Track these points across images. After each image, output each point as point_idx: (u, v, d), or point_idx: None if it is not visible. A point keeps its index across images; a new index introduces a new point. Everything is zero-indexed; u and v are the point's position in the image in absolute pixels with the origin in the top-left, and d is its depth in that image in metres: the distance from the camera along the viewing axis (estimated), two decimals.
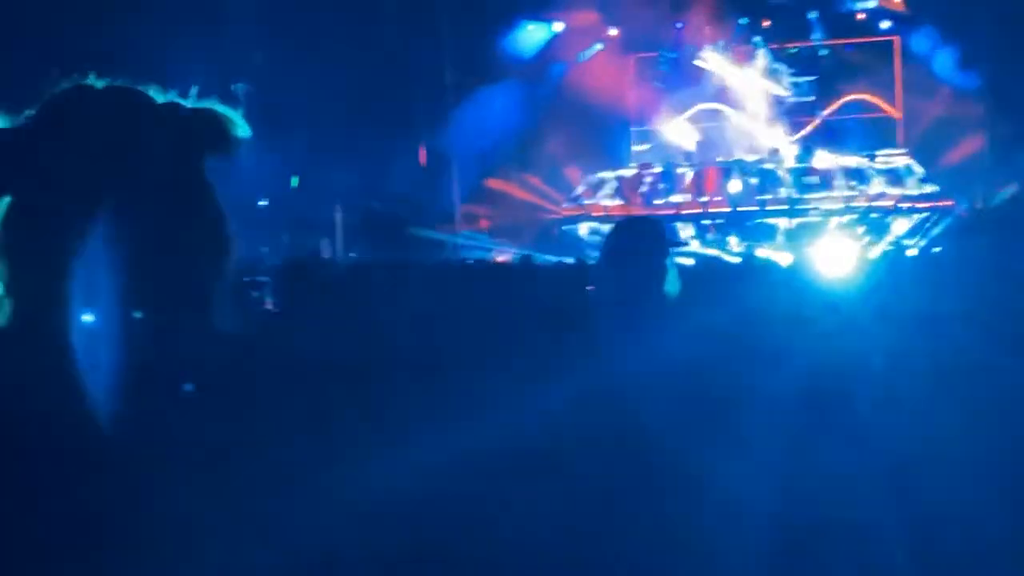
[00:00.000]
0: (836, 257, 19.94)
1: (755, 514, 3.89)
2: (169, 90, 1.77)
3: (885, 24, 30.96)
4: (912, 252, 21.79)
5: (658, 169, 30.89)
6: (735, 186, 29.81)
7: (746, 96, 32.06)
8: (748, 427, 4.06)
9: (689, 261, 18.86)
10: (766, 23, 31.72)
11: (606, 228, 22.29)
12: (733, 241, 28.53)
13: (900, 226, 28.16)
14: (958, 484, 3.76)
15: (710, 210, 29.79)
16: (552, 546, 4.33)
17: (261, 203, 25.29)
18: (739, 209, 29.28)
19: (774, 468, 3.97)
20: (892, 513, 3.92)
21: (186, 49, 18.14)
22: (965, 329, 4.01)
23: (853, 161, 29.75)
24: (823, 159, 29.93)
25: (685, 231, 29.55)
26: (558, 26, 31.59)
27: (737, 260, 17.60)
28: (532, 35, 31.67)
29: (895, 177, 29.39)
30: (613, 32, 32.16)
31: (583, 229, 30.24)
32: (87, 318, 1.56)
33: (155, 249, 1.62)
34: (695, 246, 29.12)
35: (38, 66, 1.88)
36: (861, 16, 31.21)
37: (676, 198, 30.14)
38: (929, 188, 28.92)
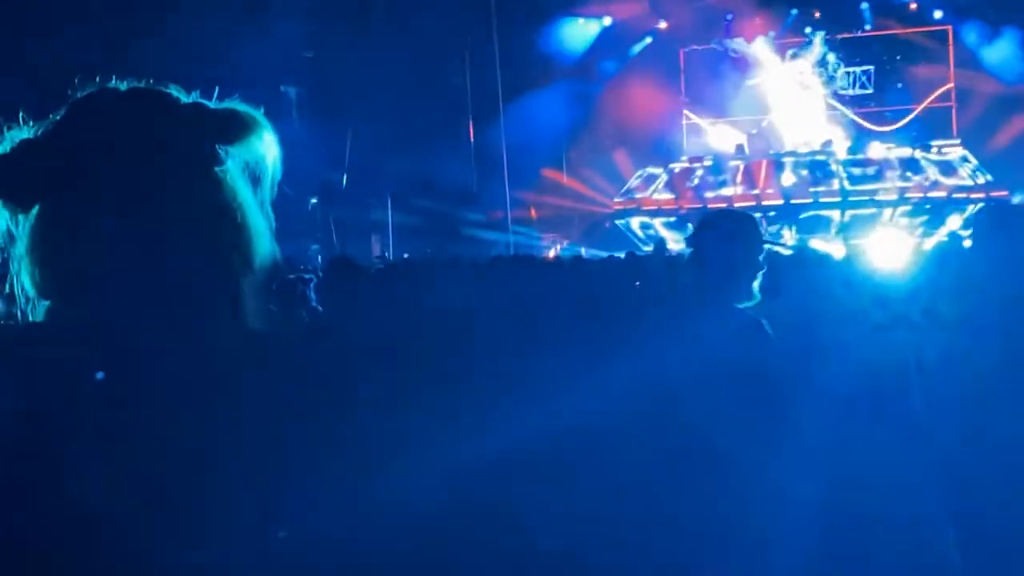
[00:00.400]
0: (889, 249, 19.79)
1: (805, 509, 3.87)
2: (192, 91, 1.78)
3: (938, 14, 30.66)
4: (967, 243, 21.54)
5: (709, 162, 30.75)
6: (788, 178, 29.60)
7: (798, 87, 31.89)
8: (800, 421, 4.03)
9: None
10: (817, 14, 31.52)
11: (657, 222, 22.21)
12: (787, 234, 28.34)
13: (955, 218, 27.90)
14: (1010, 482, 3.73)
15: (763, 203, 29.60)
16: (593, 537, 4.34)
17: (312, 200, 25.45)
18: (792, 202, 29.08)
19: (824, 463, 3.95)
20: (942, 508, 3.89)
21: (238, 48, 18.28)
22: (1016, 327, 3.96)
23: (907, 152, 29.48)
24: (876, 150, 29.67)
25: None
26: (607, 20, 31.56)
27: (789, 252, 17.49)
28: (583, 29, 31.68)
29: (949, 167, 29.12)
30: (663, 25, 32.10)
31: (634, 223, 30.21)
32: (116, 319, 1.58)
33: (173, 247, 1.64)
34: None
35: (72, 70, 1.90)
36: (913, 6, 30.93)
37: (728, 191, 29.98)
38: (983, 178, 28.64)
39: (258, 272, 1.75)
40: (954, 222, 27.54)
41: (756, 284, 4.44)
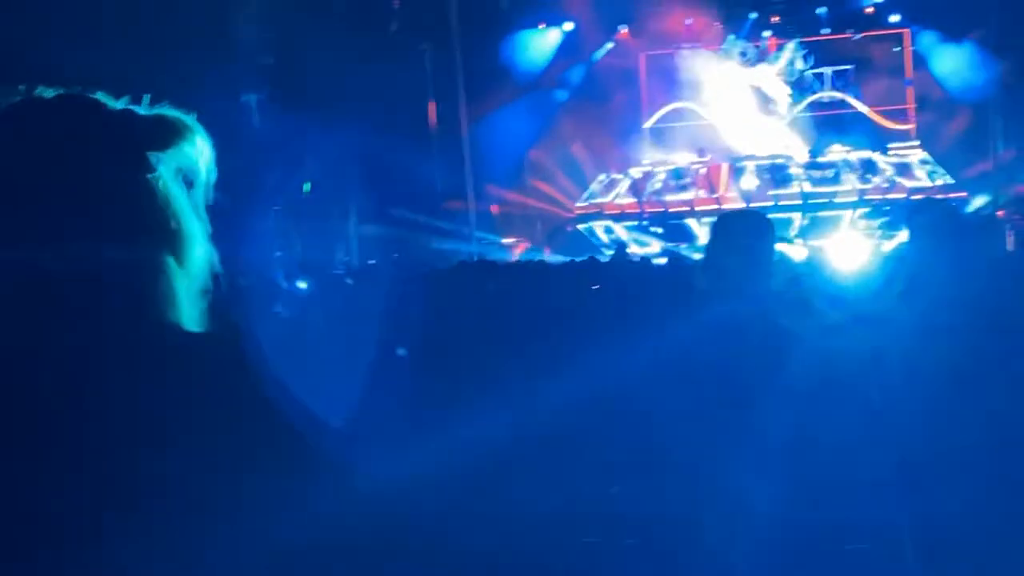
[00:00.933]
0: (849, 251, 19.94)
1: (764, 509, 3.90)
2: (122, 97, 1.77)
3: (895, 18, 30.88)
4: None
5: (670, 166, 30.85)
6: (748, 182, 29.73)
7: (757, 91, 32.05)
8: (755, 420, 4.06)
9: (698, 255, 18.86)
10: (775, 18, 31.69)
11: (619, 226, 22.21)
12: None
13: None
14: (968, 483, 3.77)
15: (723, 206, 29.71)
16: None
17: (275, 208, 25.38)
18: (752, 205, 29.19)
19: (783, 464, 3.98)
20: (901, 508, 3.94)
21: (197, 57, 18.21)
22: (977, 330, 4.01)
23: (865, 154, 29.66)
24: (836, 153, 29.84)
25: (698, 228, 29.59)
26: (568, 26, 31.61)
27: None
28: (545, 37, 31.71)
29: (907, 169, 29.31)
30: (623, 30, 32.21)
31: (597, 227, 30.26)
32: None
33: (106, 254, 1.63)
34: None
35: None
36: (870, 10, 31.14)
37: (688, 195, 30.08)
38: (941, 180, 28.84)
39: (194, 277, 1.75)
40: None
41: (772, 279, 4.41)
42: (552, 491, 4.97)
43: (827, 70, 31.89)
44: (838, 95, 31.92)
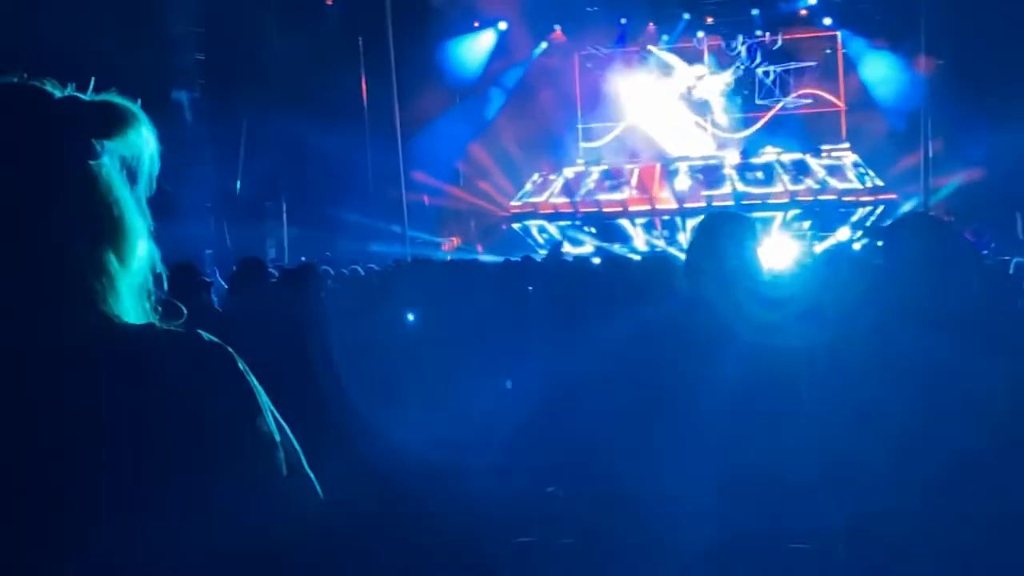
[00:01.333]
0: (780, 252, 20.10)
1: (698, 509, 3.91)
2: (68, 84, 1.70)
3: (827, 21, 31.17)
4: (857, 246, 21.94)
5: (604, 166, 30.97)
6: (681, 183, 29.91)
7: (691, 92, 32.25)
8: (685, 422, 4.06)
9: (636, 257, 18.94)
10: (709, 20, 31.88)
11: (551, 226, 22.18)
12: (682, 237, 28.63)
13: (846, 219, 28.40)
14: (897, 482, 3.79)
15: (656, 207, 29.88)
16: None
17: (207, 205, 25.19)
18: (685, 205, 29.37)
19: (716, 464, 3.98)
20: (834, 507, 3.95)
21: (125, 53, 18.03)
22: (907, 326, 4.03)
23: (797, 156, 29.92)
24: (768, 154, 30.08)
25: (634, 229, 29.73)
26: (503, 25, 31.62)
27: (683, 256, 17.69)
28: (479, 37, 31.72)
29: (839, 171, 29.60)
30: (557, 30, 32.28)
31: (531, 226, 30.32)
32: None
33: (46, 244, 1.57)
34: (641, 243, 29.24)
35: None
36: (804, 13, 31.40)
37: (622, 195, 30.21)
38: (872, 182, 29.17)
39: (134, 274, 1.69)
40: (845, 223, 28.08)
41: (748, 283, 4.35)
42: (489, 491, 4.96)
43: (760, 71, 32.11)
44: (771, 96, 32.14)
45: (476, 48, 31.88)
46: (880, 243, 4.54)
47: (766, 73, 32.03)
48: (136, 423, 1.56)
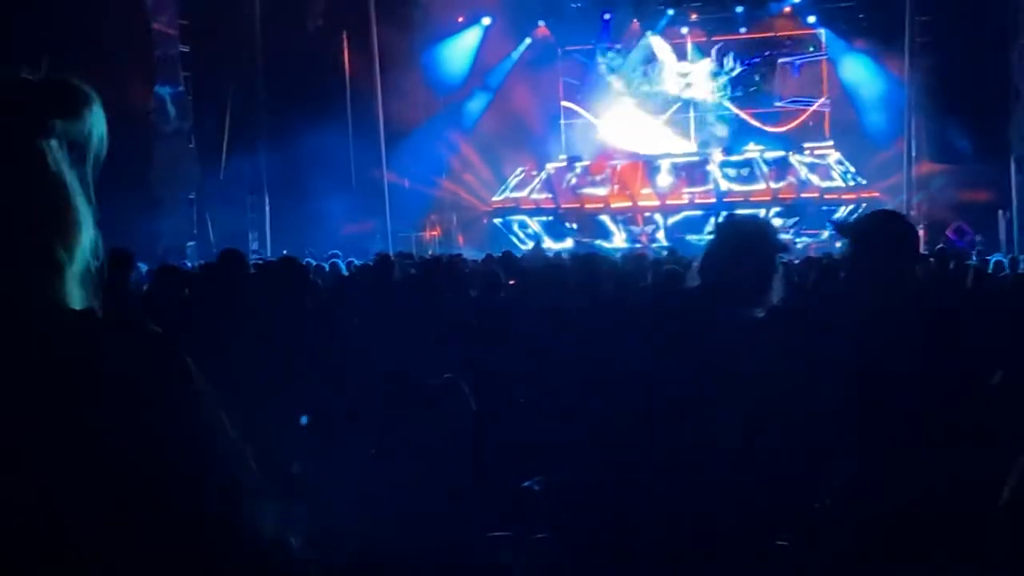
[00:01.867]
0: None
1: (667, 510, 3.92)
2: (19, 64, 1.63)
3: (811, 19, 31.20)
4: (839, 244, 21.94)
5: (585, 162, 30.98)
6: (664, 179, 29.94)
7: (675, 88, 32.28)
8: (661, 419, 4.07)
9: (617, 253, 18.96)
10: (693, 16, 31.88)
11: (533, 221, 22.13)
12: (660, 235, 28.66)
13: (828, 217, 28.43)
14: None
15: (638, 203, 29.91)
16: None
17: (190, 196, 25.16)
18: (668, 202, 29.41)
19: (686, 461, 3.98)
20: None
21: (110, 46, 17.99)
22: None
23: (780, 153, 29.96)
24: (751, 152, 30.12)
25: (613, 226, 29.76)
26: (487, 21, 31.57)
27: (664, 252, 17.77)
28: (464, 37, 31.69)
29: (821, 169, 29.66)
30: (541, 25, 32.25)
31: (512, 221, 30.28)
32: None
33: None
34: (621, 240, 29.25)
35: None
36: (788, 10, 31.41)
37: (603, 191, 30.24)
38: (853, 180, 29.23)
39: (78, 262, 1.62)
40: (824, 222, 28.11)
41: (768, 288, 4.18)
42: (469, 484, 4.98)
43: (743, 68, 32.12)
44: (754, 93, 32.17)
45: (461, 44, 31.81)
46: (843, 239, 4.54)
47: (749, 70, 32.05)
48: (75, 409, 1.50)
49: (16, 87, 1.61)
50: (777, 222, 28.19)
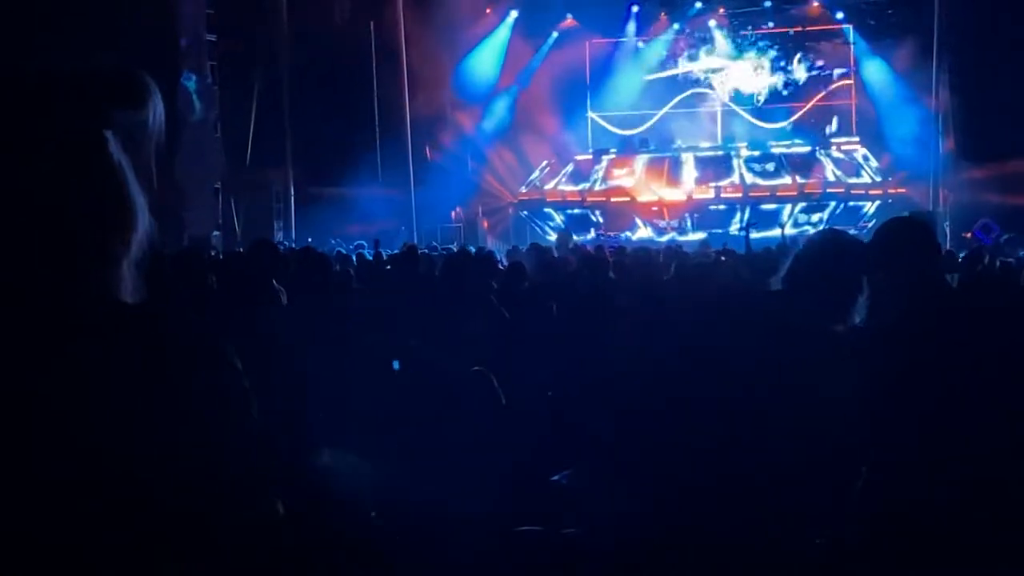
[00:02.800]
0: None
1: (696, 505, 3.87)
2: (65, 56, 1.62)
3: (840, 15, 31.09)
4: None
5: (612, 155, 30.92)
6: (690, 174, 29.86)
7: (701, 82, 32.21)
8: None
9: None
10: (721, 9, 31.78)
11: (558, 214, 22.07)
12: (688, 227, 28.61)
13: (858, 211, 28.35)
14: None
15: (664, 198, 29.84)
16: None
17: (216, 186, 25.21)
18: (694, 197, 29.33)
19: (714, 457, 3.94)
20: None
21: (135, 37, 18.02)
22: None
23: (807, 149, 29.86)
24: (777, 146, 30.02)
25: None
26: (514, 13, 31.55)
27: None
28: (494, 37, 31.76)
29: (848, 164, 29.55)
30: (569, 18, 32.19)
31: (538, 214, 30.27)
32: None
33: (49, 222, 1.51)
34: (647, 233, 29.18)
35: None
36: (816, 5, 31.29)
37: (630, 183, 30.15)
38: (880, 176, 29.13)
39: (134, 251, 1.62)
40: (852, 218, 27.98)
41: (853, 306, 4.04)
42: (499, 476, 4.94)
43: (770, 63, 32.02)
44: (781, 88, 32.07)
45: (491, 42, 31.84)
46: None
47: (778, 66, 31.95)
48: (131, 401, 1.51)
49: (80, 78, 1.60)
50: (802, 218, 28.19)
